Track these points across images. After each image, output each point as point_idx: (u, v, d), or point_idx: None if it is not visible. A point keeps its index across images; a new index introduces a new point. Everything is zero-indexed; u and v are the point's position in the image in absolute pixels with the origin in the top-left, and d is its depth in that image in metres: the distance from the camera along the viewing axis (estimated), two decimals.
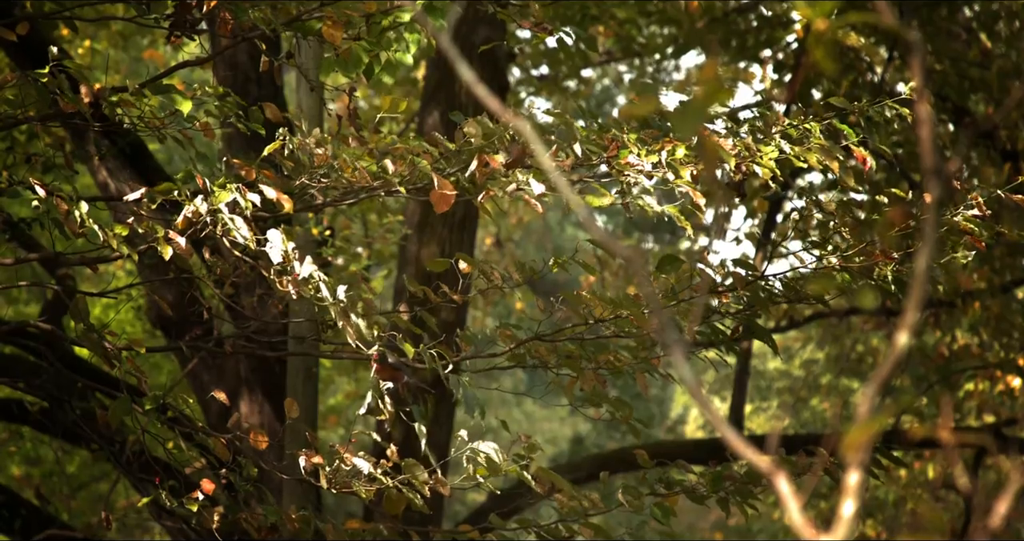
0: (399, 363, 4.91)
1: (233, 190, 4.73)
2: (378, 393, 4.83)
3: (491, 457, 4.89)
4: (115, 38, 12.62)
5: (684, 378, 1.74)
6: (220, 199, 4.72)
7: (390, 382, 4.88)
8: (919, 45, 1.71)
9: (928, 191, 1.70)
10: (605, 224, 24.36)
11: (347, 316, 4.68)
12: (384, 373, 4.87)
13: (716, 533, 21.16)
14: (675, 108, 4.32)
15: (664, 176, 5.05)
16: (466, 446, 4.92)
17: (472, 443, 4.91)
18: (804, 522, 1.69)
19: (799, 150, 5.17)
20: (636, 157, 5.05)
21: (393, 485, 4.92)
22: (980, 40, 11.59)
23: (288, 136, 4.99)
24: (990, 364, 13.08)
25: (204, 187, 4.75)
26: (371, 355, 4.83)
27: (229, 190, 4.73)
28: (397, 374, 4.88)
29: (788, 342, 18.90)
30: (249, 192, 4.77)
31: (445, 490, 5.01)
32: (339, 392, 16.51)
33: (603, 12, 12.28)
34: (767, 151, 5.16)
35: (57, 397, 6.45)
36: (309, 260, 4.69)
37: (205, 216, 4.69)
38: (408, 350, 4.86)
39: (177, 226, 4.74)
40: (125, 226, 4.83)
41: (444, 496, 5.25)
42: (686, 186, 5.05)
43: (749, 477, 5.44)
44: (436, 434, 8.35)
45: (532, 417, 27.69)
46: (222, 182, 4.79)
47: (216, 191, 4.74)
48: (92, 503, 12.91)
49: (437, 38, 3.87)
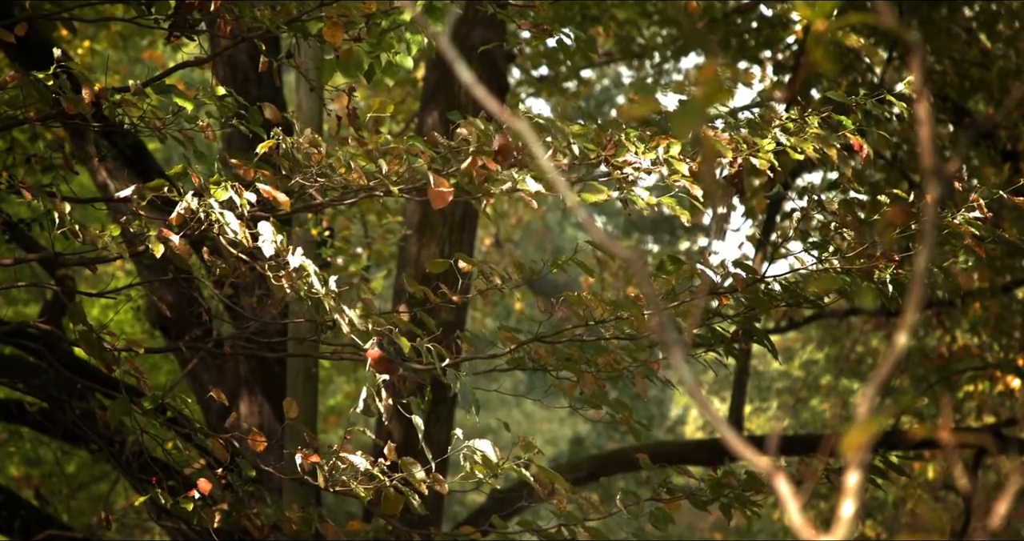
0: (395, 357, 4.91)
1: (229, 188, 4.73)
2: (374, 387, 4.83)
3: (487, 455, 4.89)
4: (115, 39, 12.62)
5: (684, 379, 1.74)
6: (217, 197, 4.72)
7: (386, 375, 4.88)
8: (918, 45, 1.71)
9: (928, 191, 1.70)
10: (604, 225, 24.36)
11: (340, 308, 4.68)
12: (380, 366, 4.87)
13: (716, 533, 21.16)
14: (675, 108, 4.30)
15: (661, 172, 5.05)
16: (462, 444, 4.91)
17: (469, 441, 4.91)
18: (804, 522, 1.69)
19: (796, 141, 5.17)
20: (634, 155, 5.05)
21: (391, 484, 4.92)
22: (980, 40, 11.58)
23: (282, 135, 4.98)
24: (990, 365, 13.08)
25: (199, 184, 4.75)
26: (367, 349, 4.83)
27: (225, 188, 4.73)
28: (393, 367, 4.88)
29: (788, 343, 18.90)
30: (246, 191, 4.77)
31: (443, 488, 5.01)
32: (339, 392, 16.50)
33: (603, 13, 12.28)
34: (764, 144, 5.16)
35: (57, 398, 6.45)
36: (300, 251, 4.68)
37: (199, 212, 4.69)
38: (405, 344, 4.86)
39: (171, 223, 4.74)
40: (118, 226, 4.83)
41: (443, 497, 5.25)
42: (684, 180, 5.05)
43: (749, 484, 5.44)
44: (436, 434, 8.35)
45: (532, 417, 27.69)
46: (216, 179, 4.79)
47: (212, 188, 4.74)
48: (92, 503, 12.91)
49: (436, 39, 3.86)
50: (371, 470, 4.91)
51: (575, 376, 5.33)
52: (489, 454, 4.89)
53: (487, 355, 5.35)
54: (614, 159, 5.06)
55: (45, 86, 4.87)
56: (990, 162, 11.80)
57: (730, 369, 6.99)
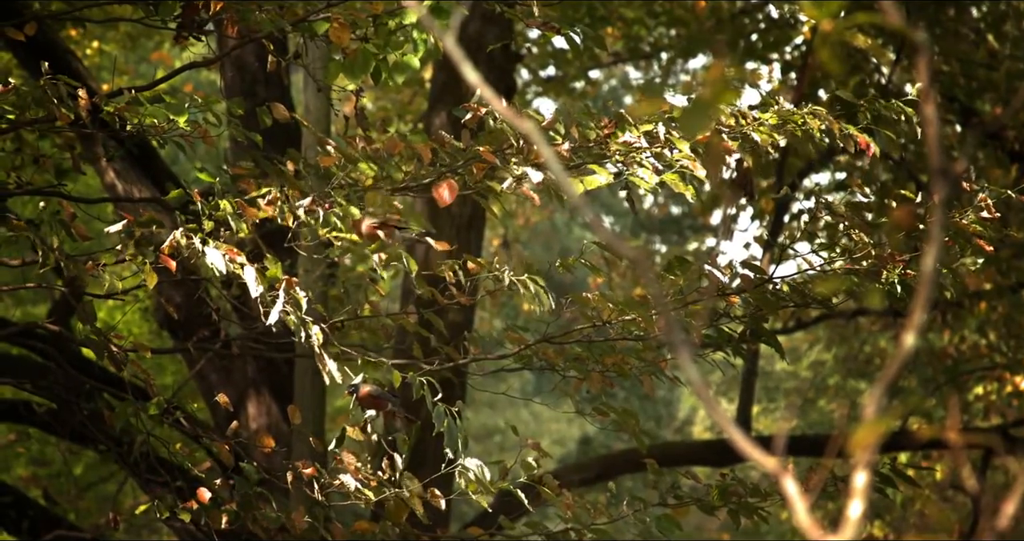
0: (382, 393, 4.97)
1: (229, 205, 4.74)
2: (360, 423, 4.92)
3: (476, 474, 4.93)
4: (123, 39, 12.63)
5: (691, 379, 1.74)
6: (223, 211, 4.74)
7: (373, 410, 4.96)
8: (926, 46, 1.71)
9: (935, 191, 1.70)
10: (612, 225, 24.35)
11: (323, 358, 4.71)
12: (367, 402, 4.95)
13: (723, 534, 21.14)
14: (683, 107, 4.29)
15: (664, 152, 5.05)
16: (454, 465, 4.95)
17: (458, 461, 4.94)
18: (811, 523, 1.69)
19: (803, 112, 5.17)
20: (632, 135, 5.05)
21: (390, 497, 4.96)
22: (988, 41, 11.58)
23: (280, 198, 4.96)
24: (998, 365, 13.07)
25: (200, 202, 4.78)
26: (357, 386, 4.91)
27: (225, 205, 4.75)
28: (381, 403, 4.96)
29: (795, 343, 18.88)
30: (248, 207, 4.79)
31: (440, 503, 5.05)
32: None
33: (611, 13, 12.28)
34: (766, 118, 5.15)
35: (64, 398, 6.46)
36: (281, 302, 4.67)
37: (185, 250, 4.70)
38: (396, 378, 4.93)
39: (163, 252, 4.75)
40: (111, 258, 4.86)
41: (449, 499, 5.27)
42: (685, 159, 5.05)
43: (756, 492, 5.44)
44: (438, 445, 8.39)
45: (540, 418, 27.69)
46: (215, 202, 4.80)
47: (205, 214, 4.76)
48: (99, 504, 12.92)
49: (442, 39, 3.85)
50: (363, 490, 4.96)
51: (582, 375, 5.33)
52: (478, 473, 4.93)
53: (495, 356, 5.35)
54: (614, 140, 5.06)
55: (44, 92, 4.87)
56: (997, 163, 11.79)
57: (738, 369, 6.99)
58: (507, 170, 5.01)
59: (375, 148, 5.08)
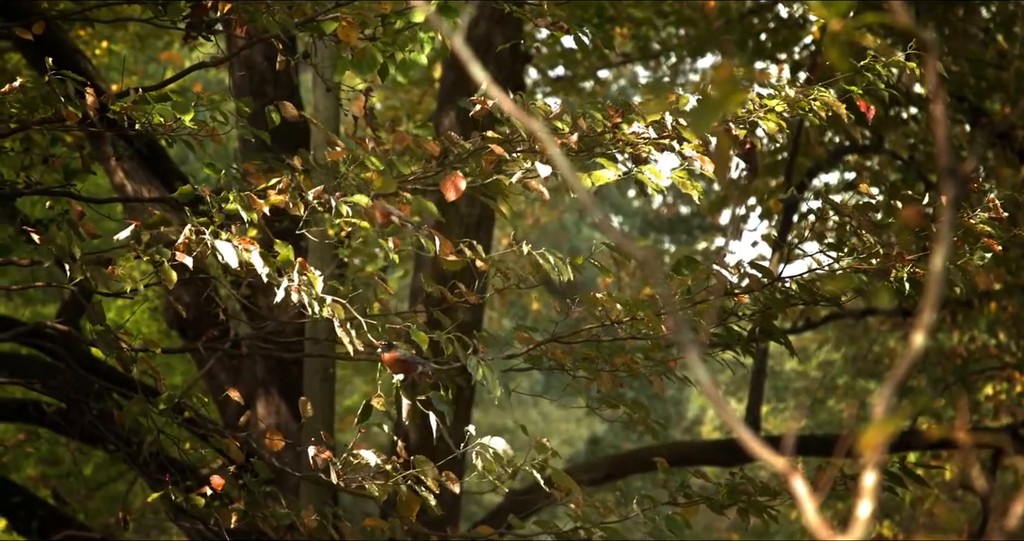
0: (411, 356, 4.89)
1: (238, 199, 4.75)
2: (392, 388, 4.84)
3: (499, 453, 4.89)
4: (132, 39, 12.64)
5: (700, 379, 1.74)
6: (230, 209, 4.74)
7: (402, 374, 4.87)
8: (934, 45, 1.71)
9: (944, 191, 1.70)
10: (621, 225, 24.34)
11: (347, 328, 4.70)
12: (396, 367, 4.85)
13: (732, 534, 21.14)
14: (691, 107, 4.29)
15: (671, 144, 5.06)
16: (475, 442, 4.91)
17: (481, 439, 4.90)
18: (821, 522, 1.69)
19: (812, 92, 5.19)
20: (640, 126, 5.05)
21: (405, 482, 4.93)
22: (997, 41, 11.56)
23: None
24: (1008, 365, 13.05)
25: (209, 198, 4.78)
26: (381, 352, 4.83)
27: (235, 202, 4.75)
28: (410, 366, 4.85)
29: (805, 343, 18.87)
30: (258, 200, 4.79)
31: (455, 487, 5.01)
32: (356, 393, 16.51)
33: (620, 13, 12.27)
34: (772, 104, 5.16)
35: (74, 398, 6.46)
36: (287, 280, 4.69)
37: (196, 246, 4.70)
38: (422, 339, 4.85)
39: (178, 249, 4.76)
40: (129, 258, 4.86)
41: (460, 497, 5.25)
42: (694, 150, 5.05)
43: (765, 491, 5.44)
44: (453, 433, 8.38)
45: (549, 418, 27.69)
46: (224, 195, 4.80)
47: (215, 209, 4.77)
48: (109, 503, 12.93)
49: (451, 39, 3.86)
50: (383, 467, 4.91)
51: (591, 375, 5.33)
52: (501, 453, 4.89)
53: (504, 355, 5.35)
54: (621, 132, 5.06)
55: (53, 90, 4.88)
56: (1006, 162, 11.78)
57: (747, 369, 6.99)
58: (516, 164, 5.02)
59: (384, 149, 5.09)
